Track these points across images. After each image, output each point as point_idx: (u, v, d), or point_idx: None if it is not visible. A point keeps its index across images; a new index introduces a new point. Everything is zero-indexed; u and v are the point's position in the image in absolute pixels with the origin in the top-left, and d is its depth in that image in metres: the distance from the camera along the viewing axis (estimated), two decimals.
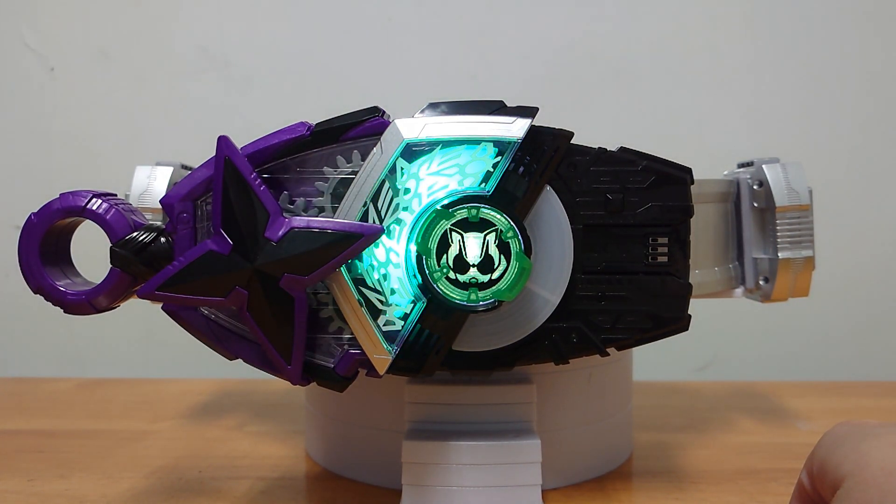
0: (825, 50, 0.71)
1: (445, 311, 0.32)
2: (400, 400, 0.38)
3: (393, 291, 0.32)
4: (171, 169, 0.43)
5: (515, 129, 0.32)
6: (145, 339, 0.75)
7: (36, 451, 0.47)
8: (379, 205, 0.32)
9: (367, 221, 0.32)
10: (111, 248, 0.33)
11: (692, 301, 0.34)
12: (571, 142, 0.33)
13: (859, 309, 0.72)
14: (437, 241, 0.31)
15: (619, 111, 0.72)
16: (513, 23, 0.72)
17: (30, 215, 0.33)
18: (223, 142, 0.32)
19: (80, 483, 0.41)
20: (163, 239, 0.33)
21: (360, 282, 0.32)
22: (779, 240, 0.41)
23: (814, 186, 0.42)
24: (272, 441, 0.48)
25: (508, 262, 0.31)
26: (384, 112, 0.33)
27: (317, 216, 0.32)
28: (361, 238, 0.31)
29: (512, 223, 0.31)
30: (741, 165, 0.44)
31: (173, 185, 0.41)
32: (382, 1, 0.72)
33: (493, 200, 0.32)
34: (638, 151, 0.34)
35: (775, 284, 0.41)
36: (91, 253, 0.37)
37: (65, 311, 0.33)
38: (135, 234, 0.33)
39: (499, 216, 0.31)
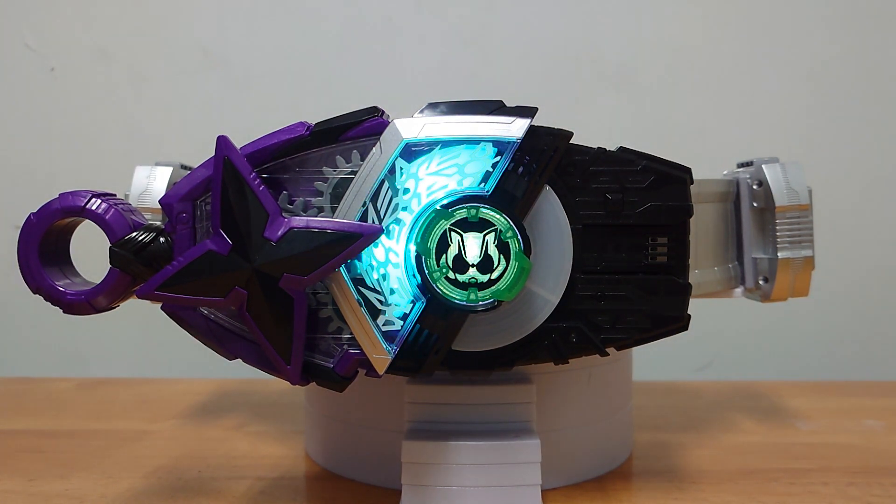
0: (825, 50, 0.71)
1: (445, 311, 0.32)
2: (400, 400, 0.38)
3: (392, 291, 0.32)
4: (170, 169, 0.43)
5: (515, 128, 0.32)
6: (145, 339, 0.75)
7: (36, 451, 0.47)
8: (378, 205, 0.32)
9: (366, 221, 0.32)
10: (110, 248, 0.33)
11: (692, 301, 0.34)
12: (571, 142, 0.33)
13: (859, 309, 0.72)
14: (437, 241, 0.31)
15: (618, 111, 0.72)
16: (513, 23, 0.72)
17: (29, 215, 0.33)
18: (222, 142, 0.32)
19: (80, 483, 0.41)
20: (162, 239, 0.33)
21: (359, 282, 0.32)
22: (778, 240, 0.41)
23: (814, 186, 0.42)
24: (272, 441, 0.48)
25: (508, 261, 0.31)
26: (383, 112, 0.33)
27: (316, 216, 0.32)
28: (361, 238, 0.31)
29: (511, 223, 0.31)
30: (741, 165, 0.44)
31: (173, 185, 0.41)
32: (382, 1, 0.72)
33: (492, 200, 0.32)
34: (637, 151, 0.33)
35: (775, 284, 0.41)
36: (91, 253, 0.37)
37: (64, 311, 0.33)
38: (134, 234, 0.33)
39: (498, 216, 0.31)
